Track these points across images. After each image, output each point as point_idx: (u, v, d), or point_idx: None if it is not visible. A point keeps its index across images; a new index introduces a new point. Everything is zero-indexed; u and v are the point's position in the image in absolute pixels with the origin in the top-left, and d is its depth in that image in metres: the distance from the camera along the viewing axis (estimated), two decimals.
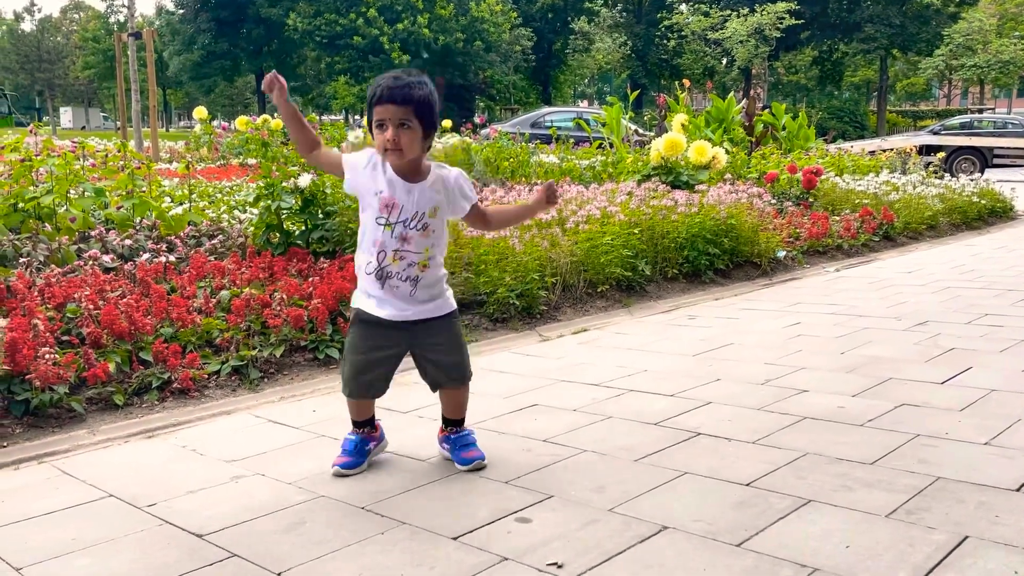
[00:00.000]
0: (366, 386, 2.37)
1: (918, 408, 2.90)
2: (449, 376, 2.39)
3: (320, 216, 4.69)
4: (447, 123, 15.01)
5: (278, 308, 3.62)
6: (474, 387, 3.17)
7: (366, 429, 2.44)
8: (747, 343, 3.93)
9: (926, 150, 14.92)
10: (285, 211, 4.62)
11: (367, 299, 2.31)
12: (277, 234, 4.67)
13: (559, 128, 14.66)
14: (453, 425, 2.48)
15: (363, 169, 2.27)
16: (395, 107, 2.15)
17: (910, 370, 3.39)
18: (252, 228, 4.86)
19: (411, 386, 2.28)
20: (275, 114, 19.31)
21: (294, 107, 2.28)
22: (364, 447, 2.42)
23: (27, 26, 63.07)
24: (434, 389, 2.45)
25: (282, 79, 2.26)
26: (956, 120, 21.54)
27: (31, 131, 5.43)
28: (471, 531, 2.03)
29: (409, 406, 2.96)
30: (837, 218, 7.51)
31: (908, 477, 2.29)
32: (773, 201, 7.40)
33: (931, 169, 11.19)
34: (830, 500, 2.14)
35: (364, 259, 2.30)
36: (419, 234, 2.25)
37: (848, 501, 2.14)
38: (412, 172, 2.26)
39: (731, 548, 1.90)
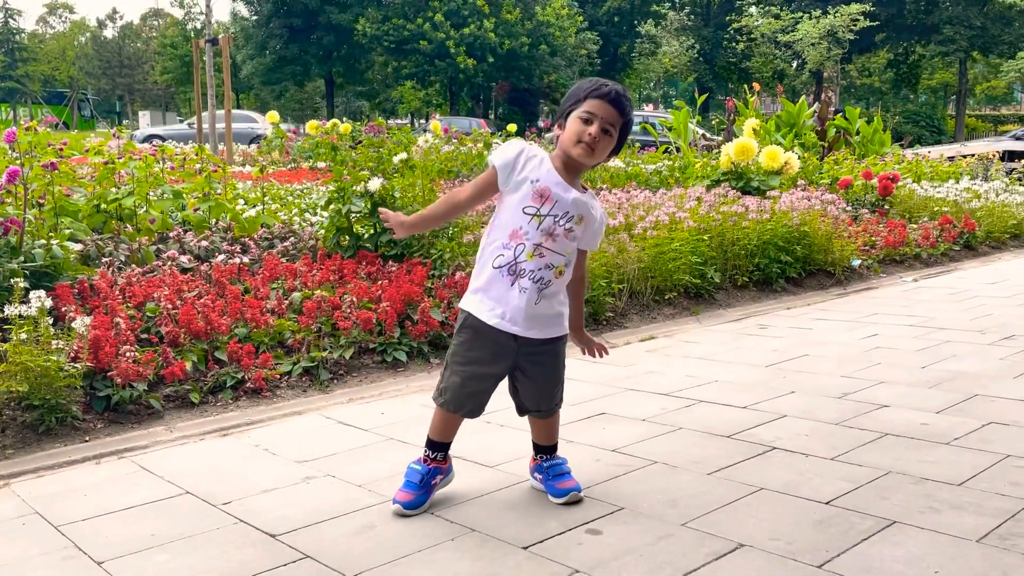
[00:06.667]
0: (466, 399, 2.18)
1: (1007, 427, 2.76)
2: (538, 403, 2.24)
3: None
4: (512, 127, 15.03)
5: (348, 310, 3.66)
6: None
7: (437, 457, 2.23)
8: (822, 354, 3.82)
9: (1009, 156, 14.31)
10: (355, 214, 4.68)
11: (480, 302, 2.14)
12: (347, 237, 4.73)
13: None
14: (544, 452, 2.31)
15: (516, 158, 2.15)
16: (613, 110, 2.10)
17: (997, 386, 3.24)
18: (323, 231, 4.93)
19: None
20: (344, 118, 19.62)
21: (415, 218, 2.27)
22: (430, 480, 2.21)
23: (109, 33, 65.66)
24: (520, 413, 2.29)
25: (391, 217, 2.25)
26: None
27: (113, 134, 5.62)
28: (541, 541, 2.00)
29: None
30: (915, 226, 7.25)
31: (999, 500, 2.18)
32: (847, 208, 7.20)
33: (1014, 176, 10.74)
34: (916, 522, 2.05)
35: (494, 252, 2.13)
36: (565, 233, 2.12)
37: (935, 524, 2.04)
38: (573, 179, 2.16)
39: (812, 569, 1.83)
